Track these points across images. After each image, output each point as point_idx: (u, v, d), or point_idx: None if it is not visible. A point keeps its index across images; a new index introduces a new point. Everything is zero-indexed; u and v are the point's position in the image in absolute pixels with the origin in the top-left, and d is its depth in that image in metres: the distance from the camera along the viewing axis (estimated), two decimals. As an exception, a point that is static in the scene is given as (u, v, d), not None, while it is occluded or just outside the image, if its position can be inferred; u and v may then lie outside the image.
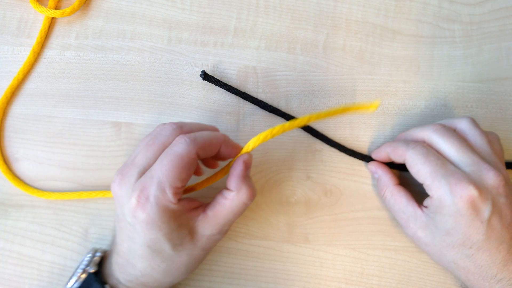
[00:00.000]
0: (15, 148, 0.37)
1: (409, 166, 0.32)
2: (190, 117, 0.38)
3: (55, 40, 0.40)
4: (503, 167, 0.32)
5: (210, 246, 0.31)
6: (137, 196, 0.27)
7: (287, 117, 0.38)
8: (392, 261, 0.36)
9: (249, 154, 0.30)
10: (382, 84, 0.39)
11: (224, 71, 0.39)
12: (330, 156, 0.38)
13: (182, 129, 0.30)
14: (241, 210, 0.30)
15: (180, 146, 0.27)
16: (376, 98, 0.38)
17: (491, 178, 0.30)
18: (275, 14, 0.40)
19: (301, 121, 0.30)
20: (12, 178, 0.36)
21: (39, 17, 0.40)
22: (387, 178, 0.35)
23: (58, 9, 0.39)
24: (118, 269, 0.30)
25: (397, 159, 0.34)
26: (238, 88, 0.38)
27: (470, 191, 0.29)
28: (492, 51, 0.40)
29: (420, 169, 0.31)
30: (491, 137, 0.33)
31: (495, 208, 0.29)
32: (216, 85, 0.38)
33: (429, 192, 0.31)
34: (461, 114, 0.39)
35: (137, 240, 0.28)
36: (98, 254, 0.32)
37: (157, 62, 0.39)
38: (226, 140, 0.30)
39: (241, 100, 0.39)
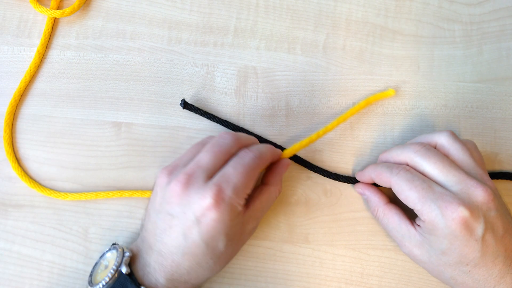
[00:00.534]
0: (15, 148, 0.37)
1: (396, 193, 0.32)
2: (190, 117, 0.38)
3: (55, 40, 0.40)
4: (488, 177, 0.32)
5: (248, 238, 0.34)
6: (214, 196, 0.29)
7: (270, 144, 0.37)
8: (392, 261, 0.36)
9: (288, 159, 0.36)
10: (382, 84, 0.39)
11: (224, 70, 0.39)
12: (330, 156, 0.38)
13: (241, 140, 0.33)
14: (273, 202, 0.34)
15: (252, 160, 0.31)
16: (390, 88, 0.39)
17: (480, 195, 0.29)
18: (275, 14, 0.40)
19: (332, 125, 0.36)
20: (28, 180, 0.36)
21: (39, 17, 0.40)
22: (376, 199, 0.35)
23: (60, 9, 0.39)
24: (160, 269, 0.30)
25: (383, 184, 0.34)
26: (238, 88, 0.38)
27: (462, 212, 0.29)
28: (492, 51, 0.40)
29: (408, 196, 0.31)
30: (469, 147, 0.33)
31: (488, 224, 0.29)
32: (196, 113, 0.37)
33: (420, 216, 0.31)
34: (461, 114, 0.39)
35: (195, 237, 0.29)
36: (127, 254, 0.31)
37: (157, 62, 0.39)
38: (275, 152, 0.34)
39: (241, 101, 0.39)
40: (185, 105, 0.37)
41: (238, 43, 0.40)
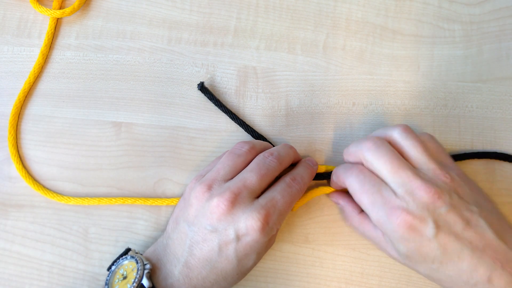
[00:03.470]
0: (19, 149, 0.37)
1: (352, 195, 0.32)
2: (190, 117, 0.38)
3: (55, 40, 0.40)
4: (444, 169, 0.30)
5: (267, 251, 0.34)
6: (263, 219, 0.30)
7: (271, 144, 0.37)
8: (392, 261, 0.36)
9: None
10: (382, 84, 0.39)
11: (224, 70, 0.39)
12: (330, 157, 0.38)
13: (283, 163, 0.33)
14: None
15: (298, 192, 0.32)
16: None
17: (423, 195, 0.29)
18: (275, 14, 0.40)
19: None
20: (32, 182, 0.36)
21: (39, 17, 0.40)
22: (350, 208, 0.35)
23: (61, 9, 0.39)
24: (185, 281, 0.30)
25: (343, 186, 0.33)
26: (238, 88, 0.38)
27: (404, 217, 0.29)
28: (492, 51, 0.40)
29: (360, 199, 0.31)
30: (424, 139, 0.32)
31: (439, 223, 0.29)
32: (209, 99, 0.37)
33: (373, 222, 0.31)
34: (461, 114, 0.39)
35: (230, 253, 0.30)
36: (148, 266, 0.30)
37: (157, 62, 0.39)
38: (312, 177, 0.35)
39: (241, 101, 0.39)
40: (202, 87, 0.37)
41: (238, 43, 0.40)
